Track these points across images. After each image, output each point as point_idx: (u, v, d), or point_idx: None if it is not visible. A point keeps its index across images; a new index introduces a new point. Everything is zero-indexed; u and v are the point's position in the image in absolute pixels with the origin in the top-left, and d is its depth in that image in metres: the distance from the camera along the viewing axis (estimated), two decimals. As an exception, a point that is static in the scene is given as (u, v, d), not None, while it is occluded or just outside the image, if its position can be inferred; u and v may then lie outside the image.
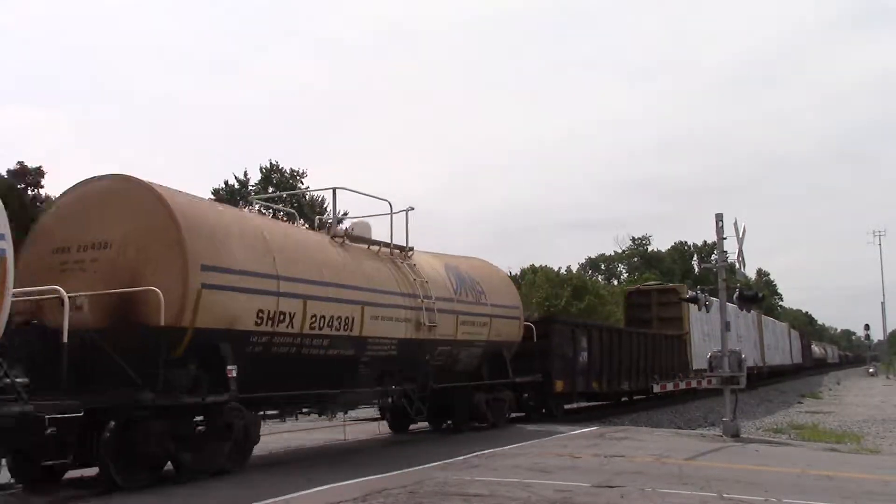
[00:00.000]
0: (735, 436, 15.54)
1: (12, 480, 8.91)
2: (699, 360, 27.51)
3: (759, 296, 23.81)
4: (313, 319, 11.52)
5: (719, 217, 16.75)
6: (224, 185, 51.04)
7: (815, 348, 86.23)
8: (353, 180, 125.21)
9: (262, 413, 11.45)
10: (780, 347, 50.44)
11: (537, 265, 60.25)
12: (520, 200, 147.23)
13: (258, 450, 12.97)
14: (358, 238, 14.12)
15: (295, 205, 51.08)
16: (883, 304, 79.23)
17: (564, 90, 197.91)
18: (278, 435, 15.09)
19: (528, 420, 18.80)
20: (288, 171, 50.92)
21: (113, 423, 8.99)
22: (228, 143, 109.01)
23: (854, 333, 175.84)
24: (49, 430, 8.01)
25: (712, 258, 18.04)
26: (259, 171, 50.71)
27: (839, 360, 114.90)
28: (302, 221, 51.82)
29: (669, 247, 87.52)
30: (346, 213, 20.08)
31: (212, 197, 51.19)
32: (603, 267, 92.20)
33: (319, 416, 14.11)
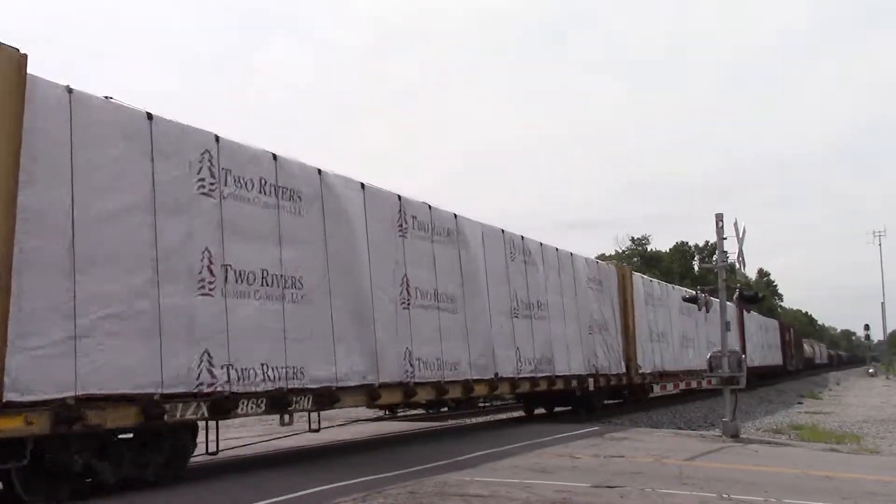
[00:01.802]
0: (735, 436, 15.56)
1: None
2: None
3: (759, 296, 23.84)
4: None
5: (719, 217, 16.77)
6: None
7: (806, 346, 74.54)
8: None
9: None
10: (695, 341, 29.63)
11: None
12: (519, 200, 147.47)
13: (258, 449, 13.00)
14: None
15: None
16: (883, 304, 79.35)
17: (564, 90, 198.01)
18: (277, 435, 15.09)
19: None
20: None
21: None
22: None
23: (854, 333, 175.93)
24: None
25: (713, 259, 18.01)
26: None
27: (828, 361, 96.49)
28: None
29: (671, 247, 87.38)
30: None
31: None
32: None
33: None
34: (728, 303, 32.03)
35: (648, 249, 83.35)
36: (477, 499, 8.41)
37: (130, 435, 9.14)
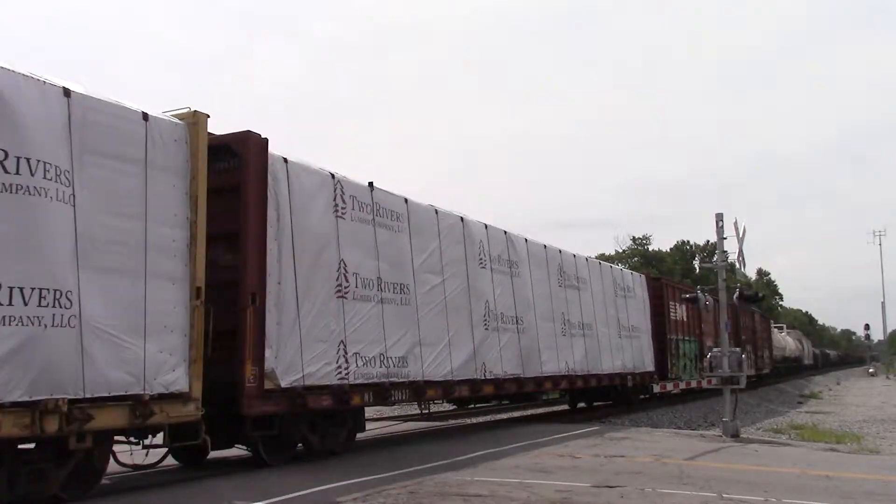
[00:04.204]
0: (735, 436, 15.56)
1: None
2: None
3: (759, 295, 23.81)
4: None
5: (719, 217, 16.77)
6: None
7: (790, 340, 53.47)
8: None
9: None
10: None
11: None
12: (519, 200, 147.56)
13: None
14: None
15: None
16: (883, 304, 79.61)
17: (564, 90, 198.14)
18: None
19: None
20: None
21: None
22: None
23: (854, 333, 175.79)
24: None
25: (713, 258, 18.01)
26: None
27: (814, 362, 72.48)
28: None
29: (672, 246, 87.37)
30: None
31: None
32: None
33: None
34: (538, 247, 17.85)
35: (649, 249, 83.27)
36: (477, 498, 8.41)
37: None
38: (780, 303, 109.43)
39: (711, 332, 29.63)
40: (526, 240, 17.61)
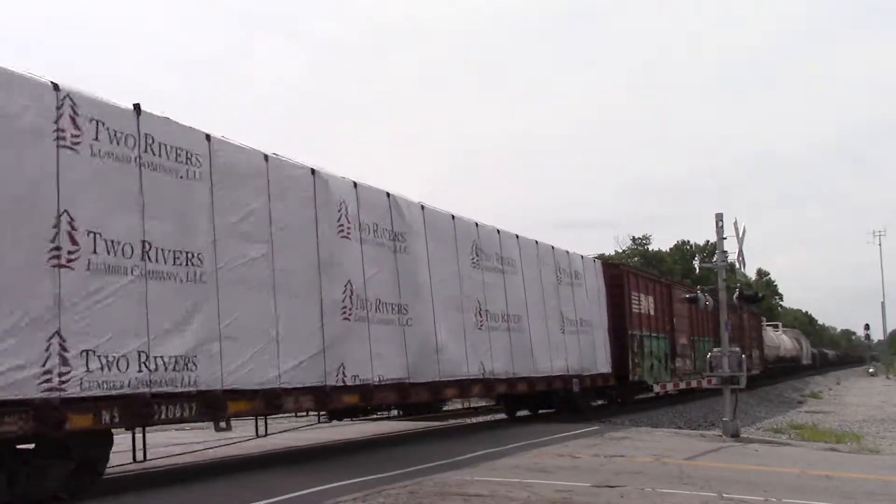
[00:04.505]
0: (735, 436, 15.56)
1: None
2: None
3: (759, 295, 23.81)
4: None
5: (719, 217, 16.78)
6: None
7: (771, 334, 46.96)
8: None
9: None
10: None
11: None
12: (518, 200, 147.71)
13: (258, 449, 13.00)
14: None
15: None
16: (883, 304, 79.55)
17: (564, 90, 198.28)
18: (278, 434, 15.09)
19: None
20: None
21: None
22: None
23: (854, 333, 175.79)
24: None
25: (713, 258, 18.01)
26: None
27: (813, 362, 66.90)
28: None
29: (672, 246, 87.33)
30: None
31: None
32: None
33: None
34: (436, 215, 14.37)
35: (649, 249, 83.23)
36: (477, 498, 8.40)
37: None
38: (780, 303, 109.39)
39: (685, 327, 26.54)
40: (423, 207, 13.89)
